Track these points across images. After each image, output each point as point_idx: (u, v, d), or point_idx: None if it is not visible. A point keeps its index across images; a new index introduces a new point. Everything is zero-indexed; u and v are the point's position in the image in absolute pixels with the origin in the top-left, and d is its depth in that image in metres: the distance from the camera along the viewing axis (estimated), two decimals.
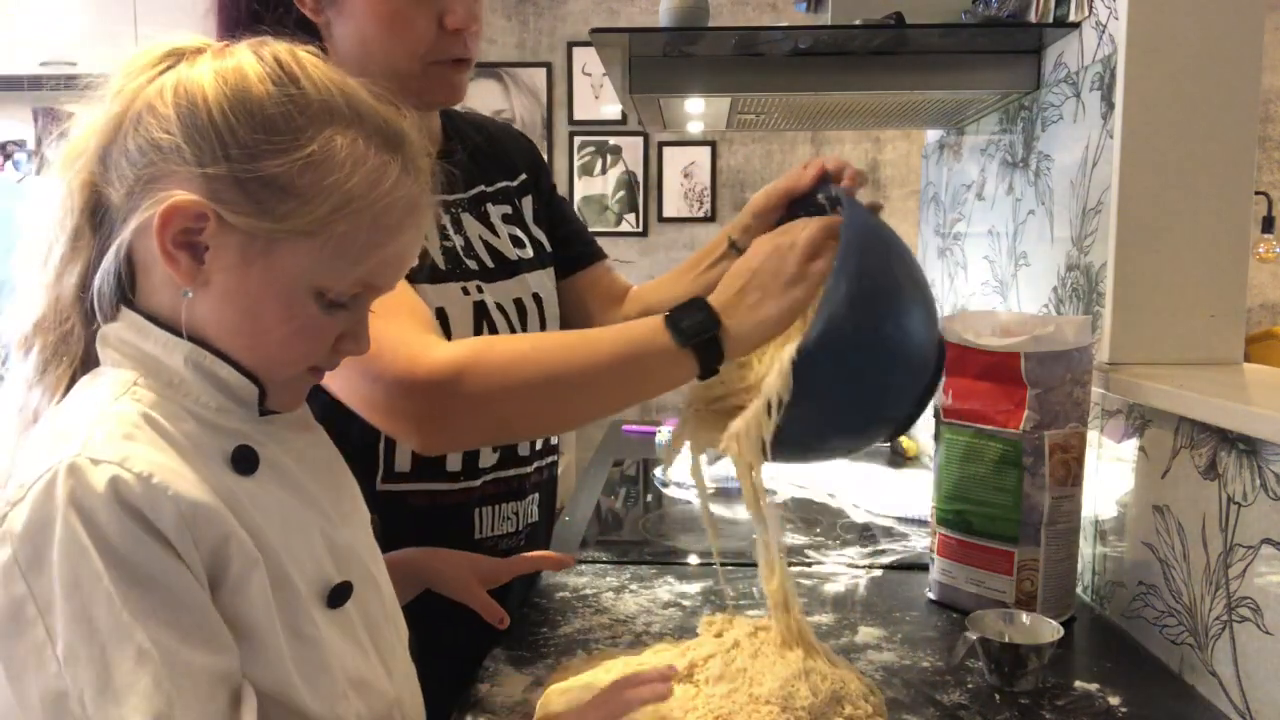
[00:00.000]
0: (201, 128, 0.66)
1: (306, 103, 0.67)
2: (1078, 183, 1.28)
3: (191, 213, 0.65)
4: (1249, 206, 1.18)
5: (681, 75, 1.43)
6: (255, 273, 0.67)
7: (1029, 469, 1.11)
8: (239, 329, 0.69)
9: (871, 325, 0.86)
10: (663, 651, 0.95)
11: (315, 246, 0.67)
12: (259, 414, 0.72)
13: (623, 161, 4.30)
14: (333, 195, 0.66)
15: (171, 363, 0.69)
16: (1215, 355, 1.18)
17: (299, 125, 0.66)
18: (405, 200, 0.70)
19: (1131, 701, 0.96)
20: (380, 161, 0.69)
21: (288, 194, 0.66)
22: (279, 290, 0.68)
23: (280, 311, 0.68)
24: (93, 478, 0.61)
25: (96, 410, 0.66)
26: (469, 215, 1.14)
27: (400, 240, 0.71)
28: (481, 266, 1.12)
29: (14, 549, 0.61)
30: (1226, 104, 1.15)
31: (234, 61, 0.68)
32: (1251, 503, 0.92)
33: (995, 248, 1.63)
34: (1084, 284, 1.26)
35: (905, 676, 1.00)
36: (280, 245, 0.67)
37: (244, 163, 0.65)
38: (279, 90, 0.67)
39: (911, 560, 1.35)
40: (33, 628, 0.61)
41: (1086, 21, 1.27)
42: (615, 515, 1.68)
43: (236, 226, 0.66)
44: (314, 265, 0.68)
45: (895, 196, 4.33)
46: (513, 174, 1.24)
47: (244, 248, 0.67)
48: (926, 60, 1.42)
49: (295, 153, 0.66)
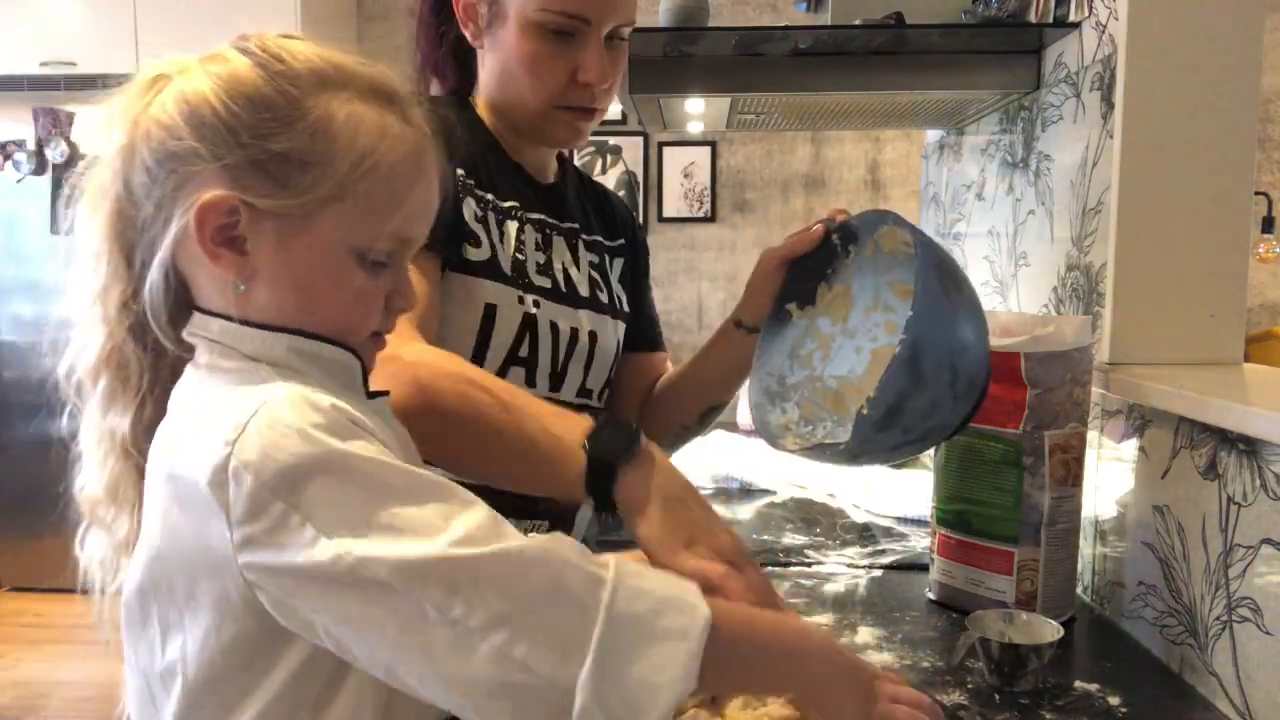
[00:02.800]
0: (208, 124, 0.68)
1: (296, 76, 0.69)
2: (1078, 183, 1.28)
3: (223, 207, 0.68)
4: (1249, 206, 1.18)
5: (681, 75, 1.43)
6: (297, 249, 0.70)
7: (1029, 469, 1.11)
8: (296, 309, 0.71)
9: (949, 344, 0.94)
10: None
11: (345, 209, 0.69)
12: (366, 395, 0.75)
13: (623, 161, 4.30)
14: (347, 155, 0.69)
15: (274, 356, 0.71)
16: (1215, 355, 1.18)
17: (295, 98, 0.69)
18: (413, 148, 0.72)
19: (1131, 701, 0.96)
20: (379, 115, 0.71)
21: (305, 165, 0.68)
22: (324, 260, 0.70)
23: (330, 280, 0.71)
24: (312, 398, 0.65)
25: (259, 378, 0.68)
26: (561, 241, 1.19)
27: (419, 187, 0.73)
28: (553, 285, 1.15)
29: (255, 474, 0.62)
30: (1226, 104, 1.15)
31: (221, 59, 0.70)
32: (1251, 503, 0.92)
33: (995, 248, 1.63)
34: (1084, 284, 1.26)
35: (905, 676, 1.00)
36: (313, 217, 0.69)
37: (256, 145, 0.68)
38: (267, 71, 0.69)
39: (911, 560, 1.35)
40: (299, 533, 0.61)
41: (1086, 21, 1.27)
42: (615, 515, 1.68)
43: (267, 210, 0.68)
44: (349, 228, 0.70)
45: (895, 196, 4.33)
46: (612, 236, 1.29)
47: (280, 228, 0.69)
48: (926, 60, 1.42)
49: (300, 123, 0.68)
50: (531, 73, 1.09)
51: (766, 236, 4.40)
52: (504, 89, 1.12)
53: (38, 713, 2.87)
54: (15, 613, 3.55)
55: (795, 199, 4.37)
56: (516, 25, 1.08)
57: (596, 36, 1.09)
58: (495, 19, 1.09)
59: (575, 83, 1.10)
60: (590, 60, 1.09)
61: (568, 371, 1.17)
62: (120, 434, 0.74)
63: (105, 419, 0.75)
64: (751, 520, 1.60)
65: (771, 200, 4.37)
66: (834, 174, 4.35)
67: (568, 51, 1.08)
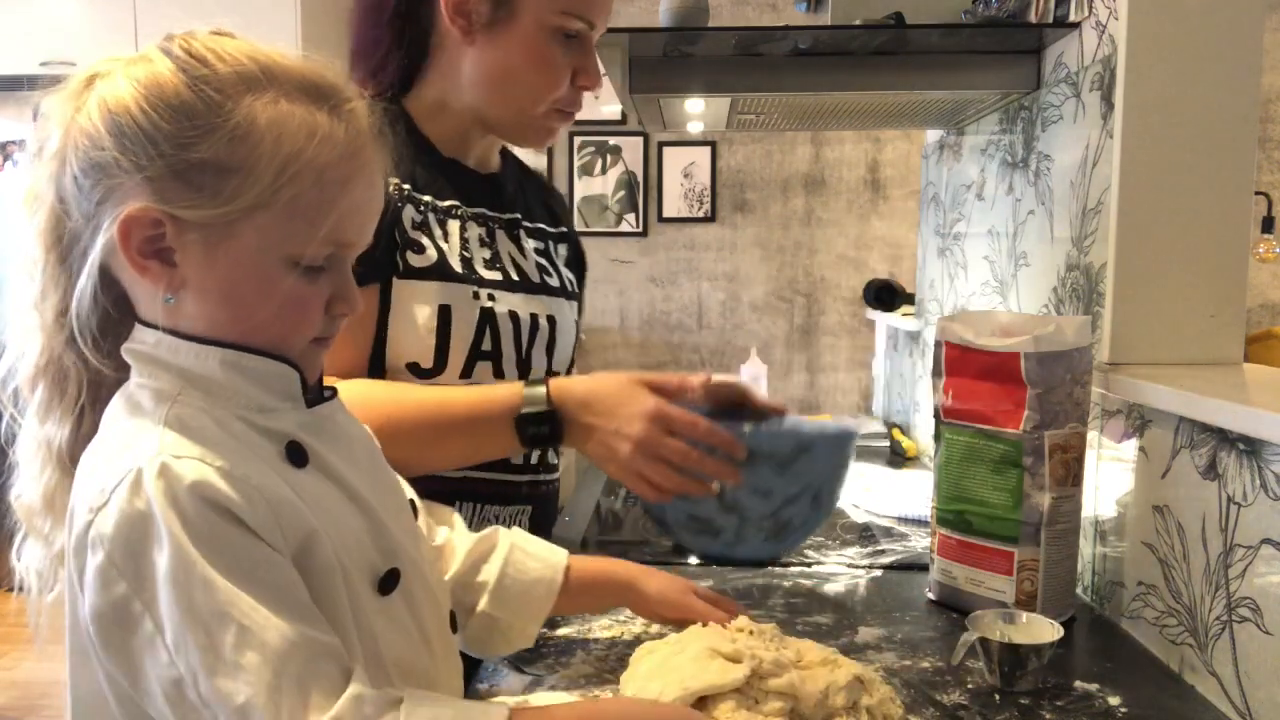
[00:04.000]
0: (129, 133, 0.66)
1: (219, 79, 0.67)
2: (1078, 183, 1.28)
3: (146, 220, 0.66)
4: (1249, 206, 1.18)
5: (681, 75, 1.43)
6: (224, 259, 0.68)
7: (1029, 469, 1.11)
8: (228, 319, 0.70)
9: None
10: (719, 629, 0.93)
11: (271, 217, 0.67)
12: (305, 404, 0.74)
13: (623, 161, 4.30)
14: (271, 161, 0.66)
15: (206, 370, 0.69)
16: (1215, 355, 1.18)
17: (217, 103, 0.66)
18: (345, 149, 0.70)
19: (1131, 701, 0.96)
20: (307, 115, 0.68)
21: (226, 173, 0.66)
22: (252, 270, 0.68)
23: (259, 290, 0.69)
24: (180, 471, 0.63)
25: (158, 416, 0.67)
26: (503, 233, 1.19)
27: (353, 191, 0.70)
28: (505, 276, 1.16)
29: (107, 550, 0.62)
30: (1226, 104, 1.15)
31: (143, 63, 0.69)
32: (1251, 503, 0.92)
33: (995, 248, 1.63)
34: (1084, 284, 1.26)
35: (905, 676, 1.00)
36: (238, 225, 0.67)
37: (176, 154, 0.66)
38: (189, 75, 0.67)
39: (911, 560, 1.35)
40: (141, 622, 0.62)
41: (1086, 21, 1.27)
42: (615, 515, 1.68)
43: (191, 220, 0.66)
44: (277, 236, 0.68)
45: (895, 196, 4.34)
46: (554, 223, 1.31)
47: (205, 239, 0.67)
48: (926, 60, 1.42)
49: (219, 130, 0.66)
50: (541, 75, 1.09)
51: (766, 236, 4.40)
52: (498, 89, 1.11)
53: (38, 713, 2.87)
54: (15, 613, 3.55)
55: (795, 199, 4.37)
56: (532, 27, 1.07)
57: (593, 41, 1.12)
58: (501, 18, 1.08)
59: (572, 87, 1.11)
60: (591, 65, 1.11)
61: (532, 358, 1.18)
62: (57, 445, 0.73)
63: (42, 428, 0.73)
64: None
65: (771, 200, 4.37)
66: (834, 174, 4.35)
67: (571, 56, 1.10)
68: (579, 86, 1.11)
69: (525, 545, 0.98)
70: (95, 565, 0.63)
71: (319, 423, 0.75)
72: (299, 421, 0.73)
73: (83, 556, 0.64)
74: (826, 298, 4.44)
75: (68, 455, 0.72)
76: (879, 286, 2.61)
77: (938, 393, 1.21)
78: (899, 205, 4.32)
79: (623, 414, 0.99)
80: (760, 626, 0.93)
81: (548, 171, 4.28)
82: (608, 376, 1.05)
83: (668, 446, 0.98)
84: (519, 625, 0.95)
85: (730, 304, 4.45)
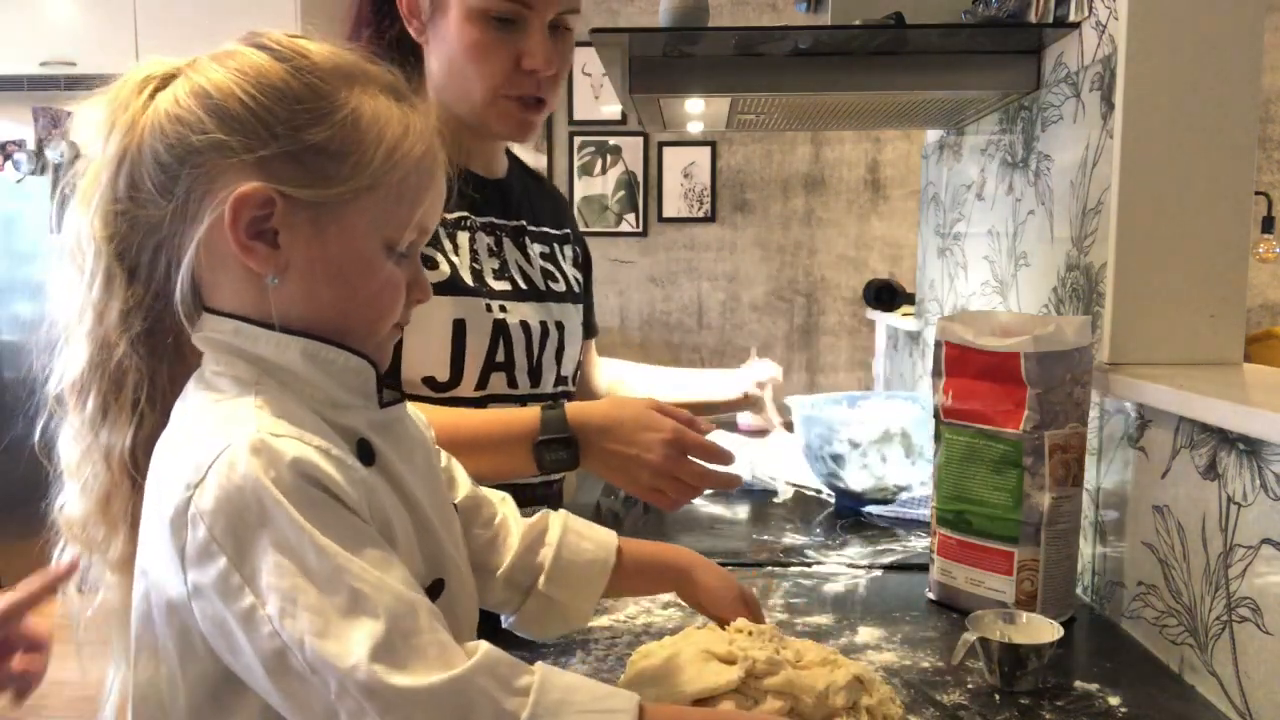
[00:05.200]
0: (238, 117, 0.67)
1: (322, 71, 0.70)
2: (1078, 183, 1.28)
3: (258, 199, 0.67)
4: (1249, 206, 1.18)
5: (681, 75, 1.43)
6: (332, 239, 0.70)
7: (1029, 469, 1.11)
8: (330, 300, 0.71)
9: None
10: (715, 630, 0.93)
11: (377, 199, 0.70)
12: (379, 404, 0.74)
13: (622, 161, 4.30)
14: (380, 146, 0.70)
15: (285, 360, 0.70)
16: (1215, 355, 1.18)
17: (325, 91, 0.69)
18: (430, 144, 0.74)
19: (1131, 701, 0.96)
20: (400, 110, 0.72)
21: (342, 155, 0.69)
22: (358, 250, 0.71)
23: (364, 270, 0.71)
24: (280, 448, 0.64)
25: (248, 399, 0.67)
26: (510, 241, 1.20)
27: (438, 178, 0.75)
28: (514, 287, 1.17)
29: (208, 525, 0.62)
30: (1226, 104, 1.15)
31: (236, 55, 0.70)
32: (1251, 503, 0.92)
33: (995, 248, 1.63)
34: (1084, 284, 1.26)
35: (905, 676, 1.00)
36: (348, 207, 0.70)
37: (291, 137, 0.68)
38: (292, 66, 0.69)
39: (911, 560, 1.35)
40: (239, 596, 0.62)
41: (1086, 21, 1.27)
42: (615, 515, 1.68)
43: (304, 201, 0.68)
44: (380, 217, 0.71)
45: (895, 196, 4.34)
46: (558, 225, 1.32)
47: (315, 219, 0.69)
48: (926, 60, 1.42)
49: (333, 115, 0.69)
50: (475, 61, 1.09)
51: (766, 236, 4.40)
52: (449, 82, 1.12)
53: (38, 713, 2.87)
54: None
55: (795, 199, 4.37)
56: (459, 14, 1.08)
57: (540, 23, 1.10)
58: (436, 10, 1.09)
59: (520, 70, 1.10)
60: (534, 47, 1.09)
61: (543, 366, 1.20)
62: (118, 451, 0.72)
63: (99, 436, 0.73)
64: (751, 520, 1.60)
65: (771, 200, 4.37)
66: (834, 174, 4.35)
67: (510, 39, 1.09)
68: (524, 69, 1.10)
69: (577, 527, 1.00)
70: (196, 541, 0.63)
71: (388, 424, 0.75)
72: (369, 420, 0.74)
73: (182, 535, 0.63)
74: (826, 298, 4.44)
75: (129, 458, 0.72)
76: (879, 286, 2.61)
77: (938, 393, 1.21)
78: (899, 205, 4.32)
79: (642, 440, 1.05)
80: (759, 626, 0.93)
81: (548, 171, 4.29)
82: (625, 402, 1.12)
83: (685, 468, 1.06)
84: (575, 605, 0.97)
85: (730, 304, 4.45)
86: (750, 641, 0.88)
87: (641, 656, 0.91)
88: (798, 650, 0.89)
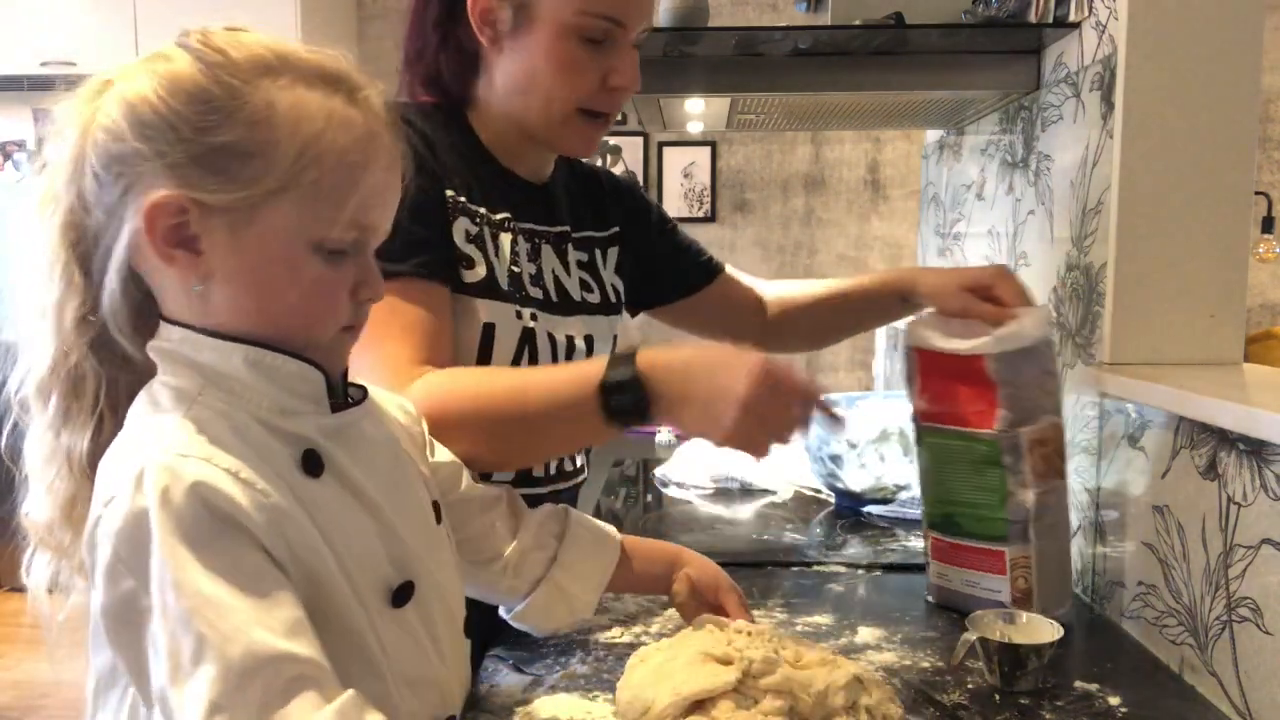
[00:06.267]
0: (149, 122, 0.66)
1: (235, 66, 0.67)
2: (1078, 183, 1.28)
3: (171, 206, 0.66)
4: (1249, 206, 1.18)
5: (681, 75, 1.43)
6: (250, 244, 0.68)
7: (1009, 468, 1.11)
8: (255, 307, 0.69)
9: None
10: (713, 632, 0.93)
11: (295, 200, 0.68)
12: (330, 409, 0.73)
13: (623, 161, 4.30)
14: (291, 143, 0.67)
15: (229, 369, 0.69)
16: (1215, 355, 1.18)
17: (234, 88, 0.67)
18: (363, 133, 0.70)
19: (1131, 701, 0.96)
20: (324, 100, 0.69)
21: (249, 156, 0.66)
22: (278, 254, 0.68)
23: (287, 275, 0.69)
24: (183, 470, 0.63)
25: (175, 415, 0.67)
26: (549, 248, 1.18)
27: (372, 173, 0.71)
28: (545, 297, 1.15)
29: (114, 546, 0.63)
30: (1226, 104, 1.15)
31: (162, 58, 0.69)
32: (1251, 503, 0.92)
33: (995, 248, 1.63)
34: (1084, 284, 1.26)
35: (905, 676, 1.00)
36: (262, 209, 0.67)
37: (197, 139, 0.66)
38: (205, 63, 0.67)
39: (911, 560, 1.35)
40: (147, 618, 0.62)
41: (1086, 21, 1.27)
42: (615, 515, 1.68)
43: (216, 205, 0.66)
44: (301, 219, 0.68)
45: (895, 196, 4.33)
46: (603, 226, 1.28)
47: (231, 224, 0.67)
48: (926, 60, 1.42)
49: (239, 113, 0.66)
50: (563, 77, 1.07)
51: (766, 236, 4.40)
52: (525, 94, 1.09)
53: (38, 713, 2.87)
54: (15, 613, 3.55)
55: (795, 199, 4.37)
56: (551, 30, 1.06)
57: (627, 40, 1.09)
58: (522, 23, 1.07)
59: (604, 88, 1.09)
60: (623, 65, 1.09)
61: None
62: (77, 454, 0.72)
63: (59, 438, 0.72)
64: (751, 520, 1.60)
65: (771, 200, 4.37)
66: (834, 174, 4.35)
67: (599, 57, 1.08)
68: (612, 87, 1.09)
69: (583, 520, 1.02)
70: (104, 561, 0.63)
71: (341, 428, 0.74)
72: (321, 426, 0.72)
73: (93, 552, 0.64)
74: None
75: (88, 463, 0.72)
76: None
77: (914, 397, 1.20)
78: (899, 205, 4.32)
79: (726, 375, 0.90)
80: (757, 626, 0.93)
81: None
82: (705, 344, 1.00)
83: (775, 403, 0.90)
84: (583, 596, 1.01)
85: None
86: (748, 642, 0.88)
87: (639, 659, 0.91)
88: (797, 651, 0.89)
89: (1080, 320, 1.26)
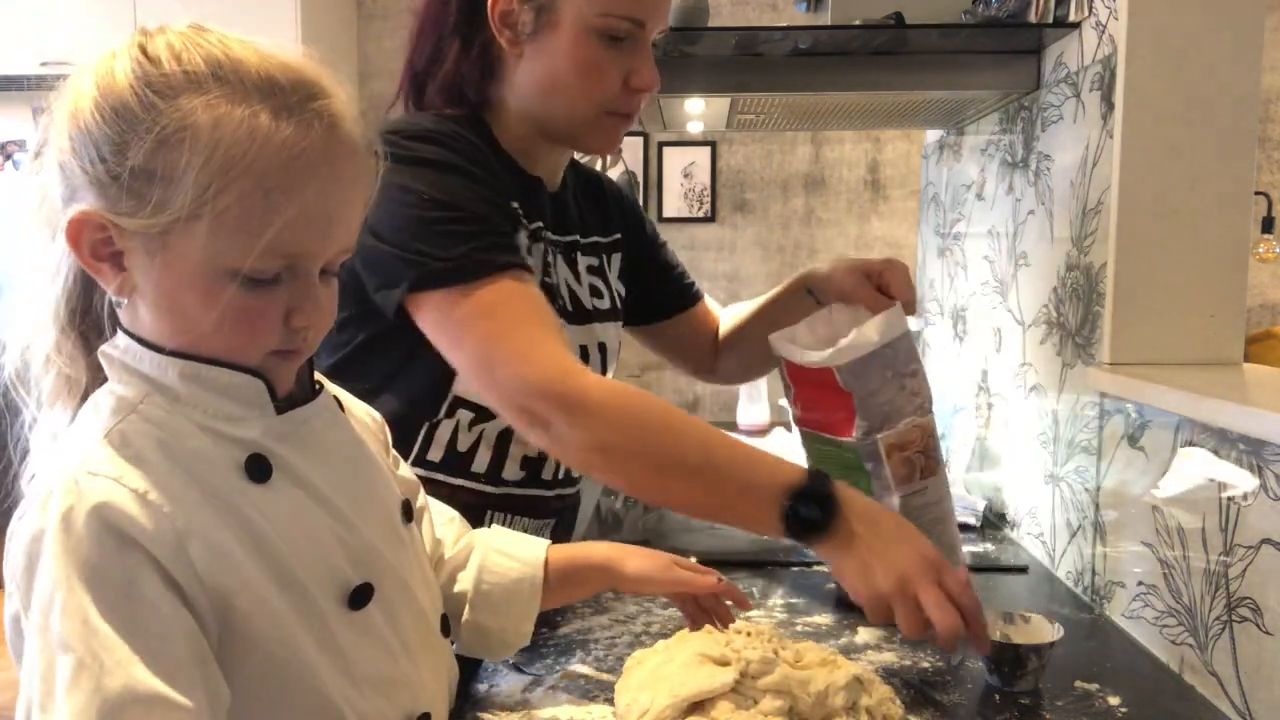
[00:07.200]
0: (80, 135, 0.64)
1: (163, 80, 0.63)
2: (1078, 183, 1.28)
3: (91, 223, 0.65)
4: (1249, 206, 1.18)
5: (681, 75, 1.43)
6: (161, 268, 0.65)
7: (873, 474, 1.09)
8: (170, 330, 0.68)
9: None
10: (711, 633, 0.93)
11: (206, 228, 0.63)
12: (276, 411, 0.71)
13: (623, 161, 4.30)
14: (202, 169, 0.62)
15: (168, 380, 0.68)
16: (1215, 355, 1.18)
17: (154, 105, 0.63)
18: (291, 153, 0.64)
19: (1131, 701, 0.96)
20: (248, 117, 0.63)
21: (154, 180, 0.63)
22: (190, 280, 0.65)
23: (200, 301, 0.66)
24: (88, 489, 0.61)
25: (100, 427, 0.66)
26: (561, 258, 1.18)
27: (301, 199, 0.65)
28: (561, 309, 1.15)
29: (13, 563, 0.63)
30: (1226, 104, 1.15)
31: (108, 60, 0.66)
32: (1251, 503, 0.92)
33: (995, 248, 1.63)
34: (1084, 284, 1.26)
35: (905, 676, 1.00)
36: (173, 235, 0.64)
37: (113, 160, 0.63)
38: (139, 75, 0.64)
39: None
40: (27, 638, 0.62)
41: (1086, 21, 1.27)
42: (615, 515, 1.68)
43: (127, 229, 0.64)
44: (214, 247, 0.64)
45: (895, 196, 4.33)
46: (607, 231, 1.29)
47: (146, 247, 0.65)
48: (926, 60, 1.42)
49: (151, 135, 0.62)
50: (587, 79, 1.07)
51: (766, 236, 4.40)
52: (547, 97, 1.09)
53: None
54: None
55: (795, 199, 4.37)
56: (574, 31, 1.05)
57: (647, 40, 1.09)
58: (543, 25, 1.06)
59: (626, 88, 1.09)
60: (643, 65, 1.08)
61: None
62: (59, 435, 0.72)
63: (47, 416, 0.73)
64: None
65: (771, 200, 4.37)
66: (834, 174, 4.35)
67: (621, 57, 1.07)
68: (634, 88, 1.09)
69: (502, 546, 0.95)
70: (12, 569, 0.63)
71: (291, 429, 0.72)
72: (269, 429, 0.70)
73: (5, 560, 0.64)
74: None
75: None
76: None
77: (791, 405, 1.18)
78: (899, 205, 4.32)
79: (901, 546, 0.91)
80: (756, 627, 0.93)
81: None
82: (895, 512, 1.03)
83: (930, 593, 0.89)
84: (511, 627, 0.92)
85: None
86: (747, 643, 0.88)
87: (636, 662, 0.91)
88: (797, 651, 0.89)
89: (1080, 320, 1.26)
